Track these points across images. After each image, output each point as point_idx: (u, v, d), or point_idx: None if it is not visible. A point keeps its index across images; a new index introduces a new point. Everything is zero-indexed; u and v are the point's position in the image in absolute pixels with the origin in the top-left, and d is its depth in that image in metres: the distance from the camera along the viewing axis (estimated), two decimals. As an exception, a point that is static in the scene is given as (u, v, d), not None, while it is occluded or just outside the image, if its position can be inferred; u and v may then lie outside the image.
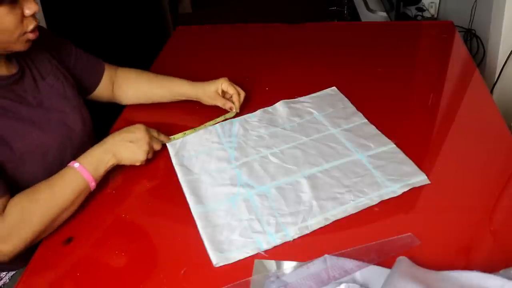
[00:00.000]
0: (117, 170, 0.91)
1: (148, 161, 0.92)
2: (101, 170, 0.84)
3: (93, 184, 0.83)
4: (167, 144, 0.98)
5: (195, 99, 1.09)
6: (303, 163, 0.90)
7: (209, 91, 1.06)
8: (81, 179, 0.81)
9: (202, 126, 1.03)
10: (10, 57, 0.86)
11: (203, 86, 1.07)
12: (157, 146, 0.93)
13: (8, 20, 0.75)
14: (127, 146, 0.87)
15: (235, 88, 1.05)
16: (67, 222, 0.82)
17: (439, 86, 1.16)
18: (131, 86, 1.11)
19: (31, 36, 0.80)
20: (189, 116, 1.08)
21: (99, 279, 0.71)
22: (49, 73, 0.92)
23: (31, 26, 0.79)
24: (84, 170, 0.82)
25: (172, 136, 0.99)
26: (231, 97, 1.06)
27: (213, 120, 1.05)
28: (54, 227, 0.79)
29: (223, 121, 1.05)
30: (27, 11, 0.77)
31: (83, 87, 1.04)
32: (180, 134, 1.00)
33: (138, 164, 0.89)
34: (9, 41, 0.78)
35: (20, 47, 0.81)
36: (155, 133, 0.95)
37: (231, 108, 1.05)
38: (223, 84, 1.05)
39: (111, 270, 0.73)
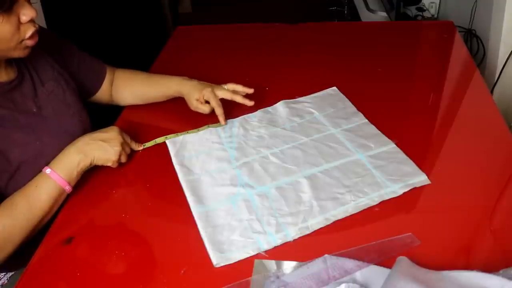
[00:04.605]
0: (117, 170, 0.91)
1: (121, 164, 0.91)
2: (74, 172, 0.82)
3: (68, 188, 0.82)
4: (167, 144, 0.98)
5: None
6: (303, 163, 0.90)
7: (192, 98, 1.02)
8: (55, 185, 0.80)
9: (184, 132, 1.01)
10: (10, 61, 0.84)
11: (190, 87, 1.03)
12: (128, 150, 0.92)
13: (4, 29, 0.72)
14: (99, 145, 0.85)
15: (217, 101, 1.00)
16: (67, 222, 0.82)
17: (439, 86, 1.16)
18: (127, 88, 1.10)
19: (29, 42, 0.78)
20: (188, 117, 1.08)
21: (99, 279, 0.71)
22: (49, 78, 0.90)
23: (29, 32, 0.76)
24: (56, 175, 0.80)
25: (143, 144, 0.98)
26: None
27: (193, 129, 1.02)
28: (36, 232, 0.80)
29: (204, 130, 1.02)
30: (24, 18, 0.74)
31: (85, 90, 1.04)
32: (151, 142, 0.99)
33: (109, 164, 0.87)
34: (7, 49, 0.76)
35: (19, 54, 0.79)
36: (128, 139, 0.92)
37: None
38: (205, 95, 1.00)
39: (111, 270, 0.73)
